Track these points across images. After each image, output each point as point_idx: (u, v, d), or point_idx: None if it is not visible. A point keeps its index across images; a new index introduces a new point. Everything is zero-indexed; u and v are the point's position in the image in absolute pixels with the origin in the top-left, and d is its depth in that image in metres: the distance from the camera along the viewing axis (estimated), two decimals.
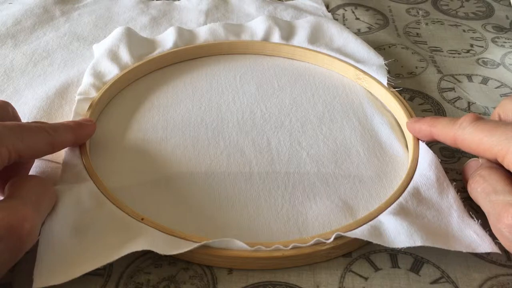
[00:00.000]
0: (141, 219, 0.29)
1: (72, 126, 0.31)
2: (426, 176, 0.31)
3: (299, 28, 0.47)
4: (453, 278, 0.28)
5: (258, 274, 0.28)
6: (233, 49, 0.46)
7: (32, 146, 0.27)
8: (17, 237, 0.23)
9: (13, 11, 0.52)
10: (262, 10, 0.53)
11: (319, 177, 0.33)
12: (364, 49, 0.45)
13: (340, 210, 0.31)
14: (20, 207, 0.24)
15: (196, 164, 0.34)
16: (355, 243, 0.29)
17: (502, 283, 0.27)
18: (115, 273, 0.27)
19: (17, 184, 0.26)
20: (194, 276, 0.27)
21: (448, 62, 0.47)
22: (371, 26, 0.53)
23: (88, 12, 0.54)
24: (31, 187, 0.26)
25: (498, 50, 0.49)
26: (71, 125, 0.31)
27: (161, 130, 0.37)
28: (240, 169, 0.34)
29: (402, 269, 0.28)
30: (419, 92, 0.43)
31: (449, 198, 0.30)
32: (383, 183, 0.33)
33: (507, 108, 0.31)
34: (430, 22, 0.54)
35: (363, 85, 0.42)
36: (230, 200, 0.32)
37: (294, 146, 0.36)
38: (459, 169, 0.35)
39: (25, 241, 0.23)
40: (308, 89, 0.42)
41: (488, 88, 0.43)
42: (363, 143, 0.36)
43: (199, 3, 0.55)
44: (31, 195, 0.25)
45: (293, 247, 0.27)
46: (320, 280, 0.27)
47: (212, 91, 0.41)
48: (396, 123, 0.38)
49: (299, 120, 0.38)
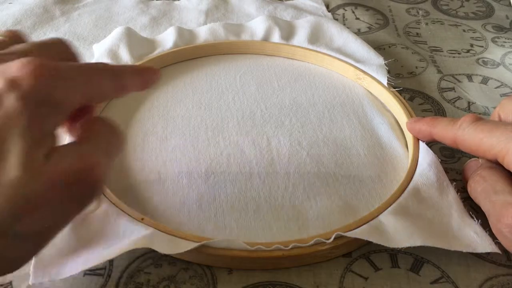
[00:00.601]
0: (141, 219, 0.29)
1: (139, 70, 0.28)
2: (426, 176, 0.31)
3: (299, 28, 0.47)
4: (453, 278, 0.28)
5: (258, 274, 0.28)
6: (233, 49, 0.46)
7: (101, 89, 0.25)
8: (87, 184, 0.22)
9: (13, 11, 0.52)
10: (262, 10, 0.53)
11: (319, 177, 0.33)
12: (364, 49, 0.45)
13: (340, 210, 0.31)
14: (91, 153, 0.22)
15: (196, 164, 0.34)
16: (355, 243, 0.29)
17: (502, 283, 0.27)
18: (115, 273, 0.27)
19: (86, 128, 0.24)
20: (194, 276, 0.27)
21: (448, 62, 0.47)
22: (371, 26, 0.53)
23: (88, 12, 0.54)
24: (101, 131, 0.24)
25: (498, 50, 0.49)
26: (137, 69, 0.28)
27: (161, 130, 0.37)
28: (240, 169, 0.34)
29: (402, 269, 0.28)
30: (419, 92, 0.43)
31: (449, 198, 0.30)
32: (383, 183, 0.33)
33: (507, 108, 0.31)
34: (430, 22, 0.54)
35: (363, 85, 0.42)
36: (230, 200, 0.32)
37: (294, 146, 0.36)
38: (459, 169, 0.35)
39: (95, 188, 0.22)
40: (308, 89, 0.42)
41: (488, 88, 0.43)
42: (363, 143, 0.36)
43: (199, 3, 0.55)
44: (101, 140, 0.24)
45: (293, 247, 0.27)
46: (320, 280, 0.27)
47: (212, 91, 0.41)
48: (396, 123, 0.38)
49: (299, 120, 0.38)
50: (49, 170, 0.20)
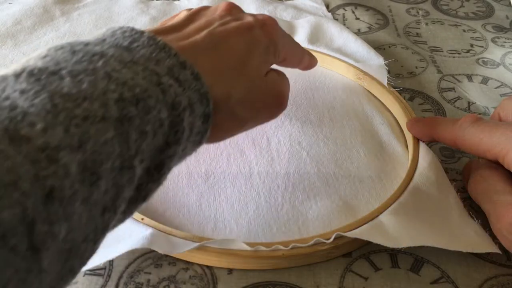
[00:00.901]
0: (141, 219, 0.29)
1: (309, 53, 0.38)
2: (426, 176, 0.31)
3: (299, 28, 0.47)
4: (453, 278, 0.28)
5: (258, 274, 0.28)
6: None
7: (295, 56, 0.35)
8: (282, 100, 0.31)
9: (13, 11, 0.52)
10: (262, 10, 0.53)
11: (319, 177, 0.33)
12: (364, 49, 0.45)
13: (340, 210, 0.31)
14: (284, 83, 0.32)
15: (196, 164, 0.34)
16: (355, 243, 0.29)
17: (502, 283, 0.27)
18: (115, 273, 0.27)
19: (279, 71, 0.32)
20: (194, 276, 0.27)
21: (448, 62, 0.47)
22: (371, 26, 0.53)
23: (88, 12, 0.54)
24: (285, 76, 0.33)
25: (498, 50, 0.49)
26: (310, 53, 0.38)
27: None
28: (240, 169, 0.34)
29: (402, 269, 0.28)
30: (419, 92, 0.43)
31: (449, 198, 0.30)
32: (383, 183, 0.33)
33: (507, 108, 0.31)
34: (430, 22, 0.54)
35: (363, 85, 0.42)
36: (230, 200, 0.32)
37: (294, 146, 0.36)
38: (459, 169, 0.35)
39: (283, 106, 0.31)
40: (308, 89, 0.42)
41: (488, 88, 0.43)
42: (363, 143, 0.36)
43: (199, 3, 0.55)
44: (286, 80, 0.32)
45: (293, 247, 0.27)
46: (320, 280, 0.27)
47: None
48: (396, 123, 0.38)
49: (299, 120, 0.38)
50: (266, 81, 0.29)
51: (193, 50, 0.25)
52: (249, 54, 0.28)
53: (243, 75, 0.27)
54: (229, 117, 0.27)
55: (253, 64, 0.28)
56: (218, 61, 0.26)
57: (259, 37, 0.29)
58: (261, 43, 0.29)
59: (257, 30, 0.29)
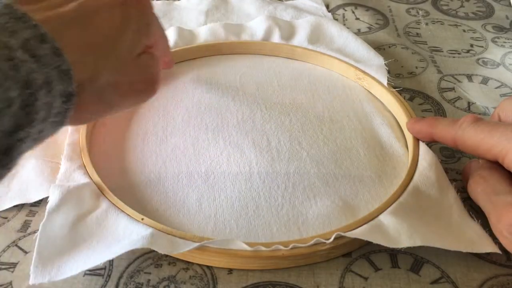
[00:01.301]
0: (141, 219, 0.29)
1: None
2: (426, 176, 0.31)
3: (299, 28, 0.47)
4: (453, 278, 0.28)
5: (258, 274, 0.28)
6: (233, 49, 0.46)
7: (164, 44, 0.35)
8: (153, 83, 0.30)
9: None
10: (262, 10, 0.53)
11: (319, 177, 0.33)
12: (364, 49, 0.45)
13: (340, 210, 0.31)
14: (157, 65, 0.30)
15: (196, 164, 0.34)
16: (355, 243, 0.29)
17: (502, 283, 0.27)
18: (115, 273, 0.27)
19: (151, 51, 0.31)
20: (194, 276, 0.27)
21: (448, 62, 0.47)
22: (371, 26, 0.53)
23: None
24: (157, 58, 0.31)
25: (498, 50, 0.49)
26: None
27: (161, 130, 0.37)
28: (240, 169, 0.34)
29: (402, 269, 0.28)
30: (419, 92, 0.43)
31: (449, 198, 0.30)
32: (383, 183, 0.33)
33: (507, 109, 0.31)
34: (430, 22, 0.54)
35: (363, 85, 0.42)
36: (230, 200, 0.32)
37: (294, 146, 0.36)
38: (459, 169, 0.35)
39: (155, 90, 0.30)
40: (308, 89, 0.42)
41: (488, 88, 0.43)
42: (363, 143, 0.36)
43: (199, 3, 0.55)
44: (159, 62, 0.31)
45: (293, 247, 0.27)
46: (320, 280, 0.27)
47: (212, 91, 0.41)
48: (396, 123, 0.38)
49: (299, 120, 0.38)
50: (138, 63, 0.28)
51: (58, 22, 0.23)
52: (121, 32, 0.26)
53: (113, 54, 0.25)
54: (95, 99, 0.26)
55: (125, 43, 0.26)
56: (85, 36, 0.24)
57: (133, 15, 0.27)
58: (135, 21, 0.27)
59: (131, 7, 0.27)
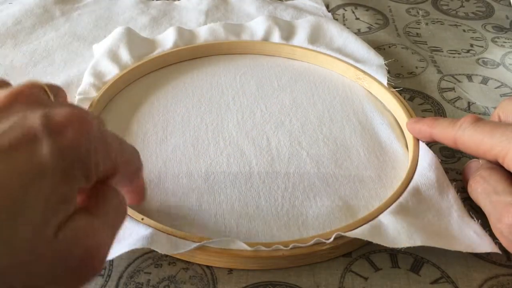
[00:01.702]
0: (141, 219, 0.29)
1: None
2: (426, 176, 0.31)
3: (299, 28, 0.47)
4: (453, 278, 0.28)
5: (258, 274, 0.28)
6: (233, 49, 0.46)
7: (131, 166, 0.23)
8: (91, 265, 0.19)
9: (13, 11, 0.52)
10: (262, 10, 0.53)
11: (319, 177, 0.33)
12: (364, 49, 0.45)
13: (340, 210, 0.31)
14: (100, 230, 0.20)
15: (196, 164, 0.34)
16: (355, 243, 0.29)
17: (502, 283, 0.27)
18: (115, 273, 0.27)
19: (99, 196, 0.21)
20: (194, 276, 0.27)
21: (448, 62, 0.47)
22: (371, 26, 0.53)
23: (88, 12, 0.54)
24: (112, 204, 0.22)
25: (498, 50, 0.49)
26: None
27: (161, 130, 0.37)
28: (240, 169, 0.34)
29: (402, 269, 0.28)
30: (419, 92, 0.43)
31: (449, 198, 0.30)
32: (383, 183, 0.33)
33: (507, 109, 0.31)
34: (430, 22, 0.54)
35: (363, 85, 0.42)
36: (230, 200, 0.32)
37: (294, 146, 0.36)
38: (459, 169, 0.35)
39: (97, 271, 0.20)
40: (308, 89, 0.42)
41: (488, 88, 0.43)
42: (363, 143, 0.36)
43: (199, 3, 0.55)
44: (111, 215, 0.21)
45: (293, 247, 0.27)
46: (320, 280, 0.27)
47: (212, 91, 0.41)
48: (396, 123, 0.38)
49: (299, 120, 0.38)
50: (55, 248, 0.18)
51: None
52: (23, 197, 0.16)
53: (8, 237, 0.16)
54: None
55: (31, 216, 0.17)
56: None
57: (49, 158, 0.17)
58: (51, 170, 0.17)
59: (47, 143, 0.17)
